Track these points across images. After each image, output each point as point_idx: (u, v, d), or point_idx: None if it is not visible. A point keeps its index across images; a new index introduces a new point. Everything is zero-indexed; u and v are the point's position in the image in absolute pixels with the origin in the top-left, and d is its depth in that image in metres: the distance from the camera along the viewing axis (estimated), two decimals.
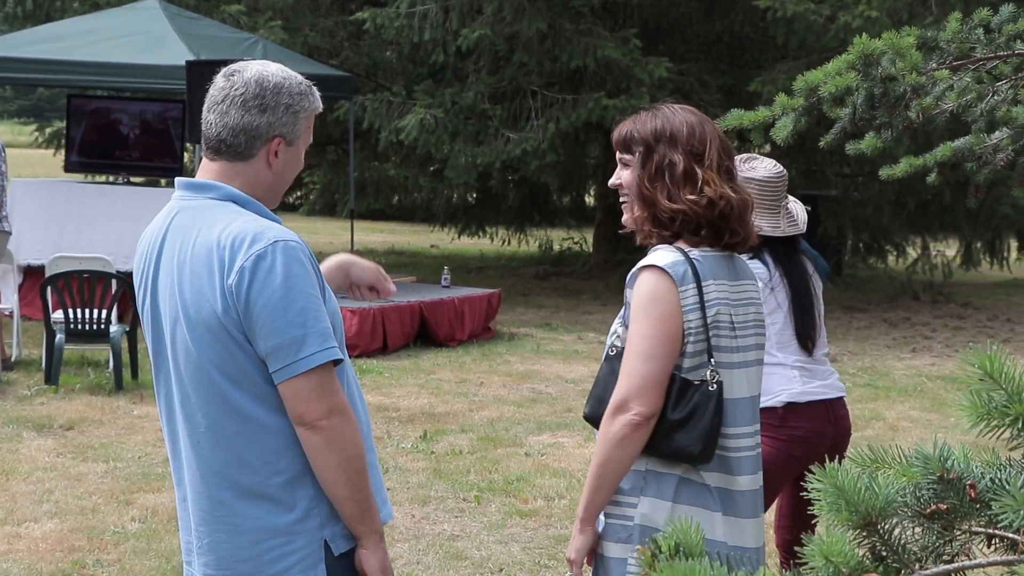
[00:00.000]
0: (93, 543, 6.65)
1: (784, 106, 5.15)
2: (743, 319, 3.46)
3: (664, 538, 1.58)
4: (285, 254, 2.98)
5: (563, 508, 7.48)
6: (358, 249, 19.99)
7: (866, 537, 1.58)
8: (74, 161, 15.71)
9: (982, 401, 1.69)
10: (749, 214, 3.48)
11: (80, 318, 10.12)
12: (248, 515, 3.09)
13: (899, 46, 5.09)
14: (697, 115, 3.52)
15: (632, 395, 3.30)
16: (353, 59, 18.08)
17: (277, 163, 3.14)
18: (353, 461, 3.02)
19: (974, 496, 1.63)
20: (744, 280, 3.51)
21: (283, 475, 3.06)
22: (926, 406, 10.91)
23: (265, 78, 3.11)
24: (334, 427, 2.99)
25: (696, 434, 3.31)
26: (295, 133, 3.15)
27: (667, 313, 3.31)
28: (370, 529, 3.09)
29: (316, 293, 3.01)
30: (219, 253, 3.00)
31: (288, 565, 3.07)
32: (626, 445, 3.31)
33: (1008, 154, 5.50)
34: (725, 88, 17.47)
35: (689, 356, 3.35)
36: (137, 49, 13.55)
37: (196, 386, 3.08)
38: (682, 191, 3.39)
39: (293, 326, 2.95)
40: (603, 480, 3.37)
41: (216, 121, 3.11)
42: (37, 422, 9.12)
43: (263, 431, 3.04)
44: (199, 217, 3.11)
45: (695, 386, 3.34)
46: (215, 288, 3.00)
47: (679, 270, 3.33)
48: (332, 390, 3.01)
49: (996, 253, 21.03)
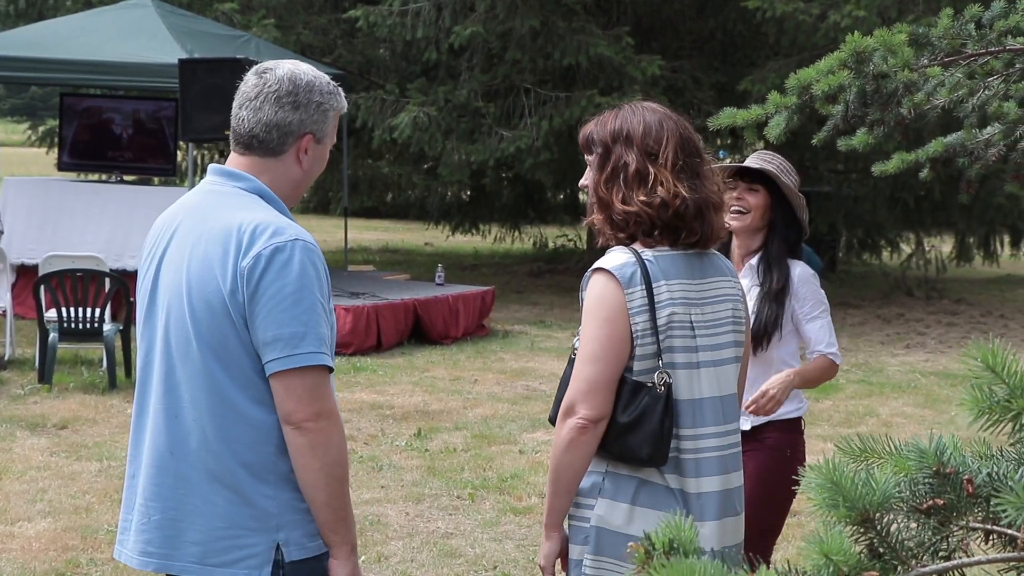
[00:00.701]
0: (87, 542, 6.64)
1: (777, 104, 5.14)
2: (709, 318, 3.40)
3: (657, 536, 1.57)
4: (304, 253, 3.01)
5: None
6: (352, 247, 20.00)
7: (863, 533, 1.57)
8: (67, 160, 15.68)
9: (984, 395, 1.68)
10: (712, 212, 3.40)
11: (73, 317, 10.11)
12: (209, 499, 3.08)
13: (891, 43, 5.09)
14: (659, 112, 3.46)
15: (578, 399, 3.28)
16: (346, 57, 18.06)
17: (306, 160, 3.19)
18: (334, 468, 3.02)
19: (971, 491, 1.62)
20: (713, 278, 3.44)
21: (250, 468, 3.05)
22: (920, 402, 10.92)
23: (298, 76, 3.17)
24: (320, 430, 2.99)
25: (644, 436, 3.27)
26: (324, 131, 3.20)
27: (612, 316, 3.29)
28: (342, 540, 3.09)
29: (323, 300, 3.04)
30: (237, 236, 3.02)
31: (235, 558, 3.07)
32: (574, 449, 3.29)
33: (1000, 149, 5.50)
34: (718, 86, 17.48)
35: (639, 359, 3.30)
36: (130, 47, 13.53)
37: (184, 361, 3.08)
38: (635, 193, 3.36)
39: (296, 322, 2.97)
40: (558, 485, 3.35)
41: (249, 117, 3.15)
42: (30, 421, 9.10)
43: (240, 419, 3.04)
44: (223, 202, 3.14)
45: (647, 388, 3.30)
46: (226, 268, 3.01)
47: (626, 272, 3.30)
48: (323, 394, 3.01)
49: (989, 248, 21.06)
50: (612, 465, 3.35)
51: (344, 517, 3.08)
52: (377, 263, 19.93)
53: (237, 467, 3.05)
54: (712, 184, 3.44)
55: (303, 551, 3.09)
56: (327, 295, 3.07)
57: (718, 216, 3.44)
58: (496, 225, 23.43)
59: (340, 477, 3.04)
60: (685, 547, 1.58)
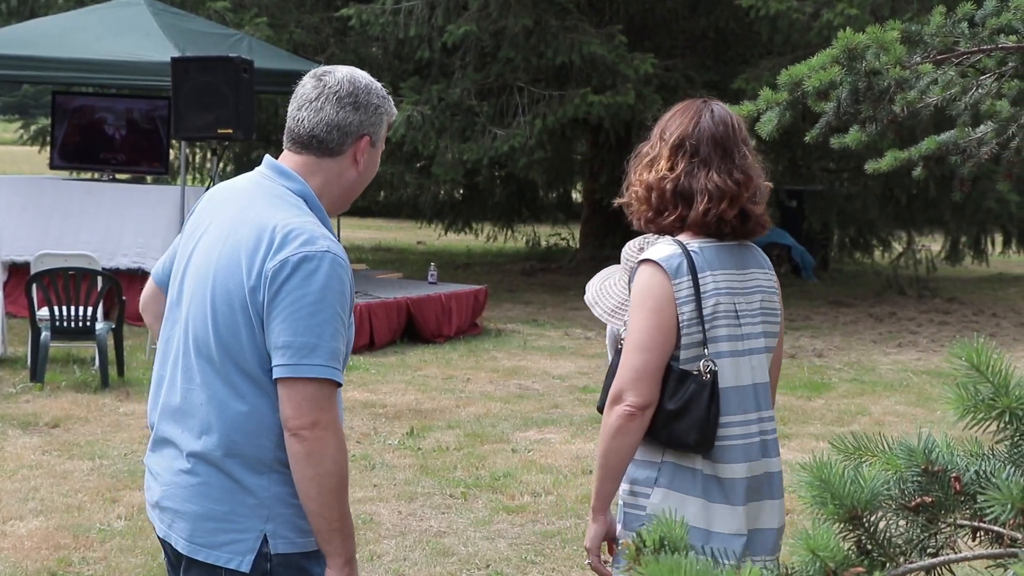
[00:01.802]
0: (79, 541, 6.64)
1: (769, 100, 5.15)
2: (749, 307, 3.51)
3: (648, 531, 1.57)
4: (332, 266, 3.02)
5: (550, 504, 7.47)
6: (345, 245, 19.98)
7: (851, 531, 1.58)
8: (59, 158, 15.67)
9: (968, 394, 1.69)
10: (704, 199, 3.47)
11: (65, 315, 10.09)
12: (205, 481, 3.11)
13: (883, 40, 5.11)
14: (700, 106, 3.62)
15: (626, 386, 3.36)
16: (339, 56, 18.03)
17: (362, 162, 3.23)
18: (327, 479, 3.01)
19: (959, 489, 1.63)
20: (752, 269, 3.56)
21: (245, 458, 3.07)
22: (912, 401, 10.93)
23: (357, 78, 3.22)
24: (317, 439, 2.99)
25: (691, 423, 3.36)
26: (379, 135, 3.25)
27: (660, 306, 3.38)
28: (336, 551, 3.09)
29: (343, 316, 3.05)
30: (270, 236, 3.03)
31: (221, 542, 3.09)
32: (621, 435, 3.37)
33: (992, 147, 5.51)
34: (711, 84, 17.47)
35: (685, 347, 3.40)
36: (122, 46, 13.51)
37: (199, 345, 3.11)
38: (643, 172, 3.58)
39: (311, 333, 2.98)
40: (607, 470, 3.43)
41: (310, 117, 3.18)
42: (22, 420, 9.09)
43: (242, 410, 3.06)
44: (267, 198, 3.16)
45: (692, 376, 3.40)
46: (253, 265, 3.03)
47: (673, 263, 3.40)
48: (325, 406, 3.01)
49: (980, 248, 21.09)
50: (668, 455, 3.45)
51: (339, 528, 3.07)
52: (370, 262, 19.92)
53: (234, 454, 3.07)
54: (727, 176, 3.50)
55: (291, 545, 3.10)
56: (348, 311, 3.08)
57: (722, 205, 3.48)
58: (489, 224, 23.43)
59: (334, 489, 3.03)
60: (675, 544, 1.58)
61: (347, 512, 3.09)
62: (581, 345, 13.30)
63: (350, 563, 3.12)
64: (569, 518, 7.21)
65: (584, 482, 7.92)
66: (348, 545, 3.11)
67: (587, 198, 21.09)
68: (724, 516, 3.42)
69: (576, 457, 8.62)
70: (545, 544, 6.75)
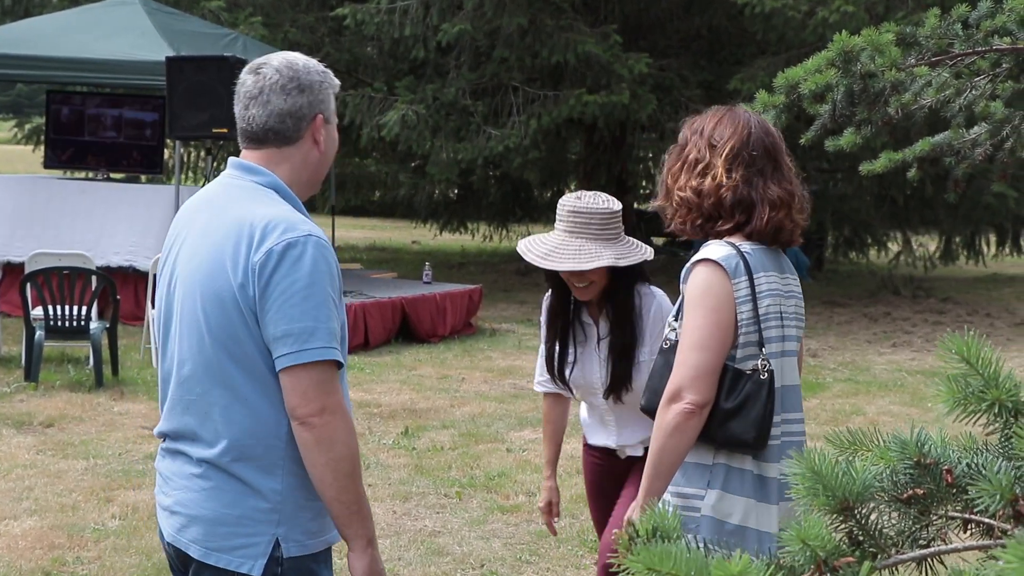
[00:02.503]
0: (73, 540, 6.63)
1: (765, 103, 5.17)
2: (787, 310, 3.56)
3: (641, 522, 1.59)
4: (316, 249, 3.02)
5: None
6: (339, 245, 19.97)
7: (843, 522, 1.59)
8: (53, 157, 15.67)
9: (959, 387, 1.70)
10: (767, 207, 3.53)
11: (60, 315, 10.09)
12: (218, 487, 3.11)
13: (878, 42, 5.12)
14: (742, 114, 3.65)
15: (685, 384, 3.38)
16: (334, 55, 18.05)
17: (323, 141, 3.22)
18: (341, 463, 3.02)
19: (951, 481, 1.64)
20: (787, 274, 3.63)
21: (257, 461, 3.07)
22: (906, 400, 10.95)
23: (293, 62, 3.21)
24: (326, 425, 2.99)
25: (749, 422, 3.41)
26: (329, 110, 3.24)
27: (719, 305, 3.41)
28: (356, 533, 3.09)
29: (334, 295, 3.05)
30: (250, 231, 3.03)
31: (233, 546, 3.09)
32: (680, 433, 3.39)
33: (986, 148, 5.53)
34: (705, 83, 17.52)
35: (741, 347, 3.44)
36: (117, 45, 13.52)
37: (195, 354, 3.10)
38: (691, 178, 3.56)
39: (307, 317, 2.97)
40: (660, 468, 3.44)
41: (260, 112, 3.17)
42: (17, 419, 9.09)
43: (250, 413, 3.06)
44: (239, 196, 3.16)
45: (746, 375, 3.43)
46: (238, 262, 3.02)
47: (732, 263, 3.44)
48: (330, 390, 3.01)
49: (975, 248, 21.13)
50: (720, 456, 3.48)
51: (357, 511, 3.07)
52: (364, 261, 19.92)
53: (243, 459, 3.07)
54: (778, 185, 3.58)
55: (301, 548, 3.11)
56: (338, 290, 3.09)
57: (780, 215, 3.55)
58: (483, 223, 23.45)
59: (348, 472, 3.04)
60: (667, 534, 1.59)
61: (363, 494, 3.09)
62: None
63: (372, 544, 3.11)
64: (564, 518, 7.21)
65: (578, 482, 7.93)
66: (368, 526, 3.11)
67: None
68: (769, 515, 3.46)
69: (570, 457, 8.63)
70: (540, 544, 6.75)
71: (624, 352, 4.45)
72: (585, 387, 4.60)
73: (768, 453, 3.47)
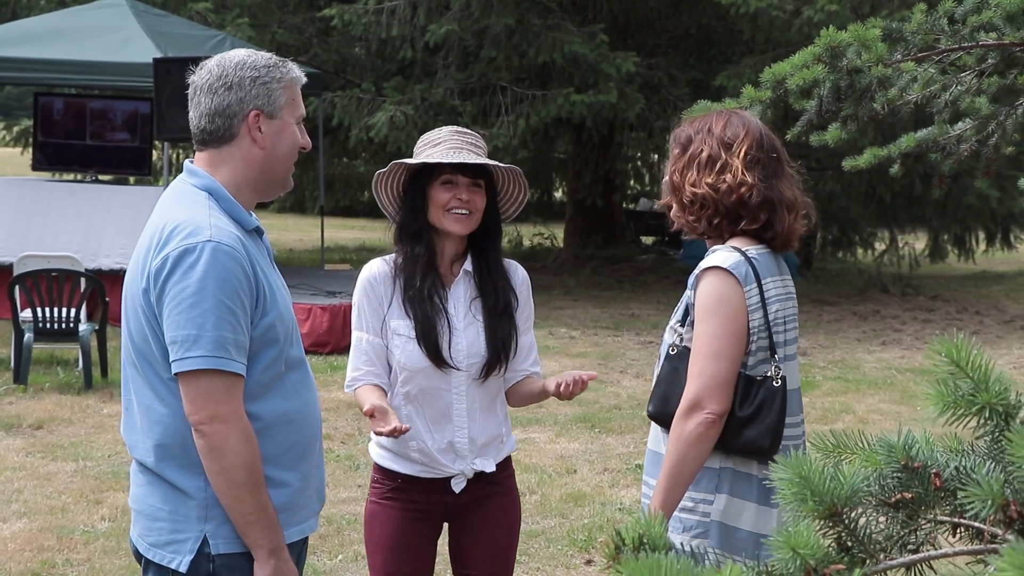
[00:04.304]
0: (63, 542, 6.62)
1: (751, 98, 5.16)
2: (787, 314, 3.56)
3: (626, 530, 1.57)
4: (213, 255, 2.97)
5: (534, 503, 7.47)
6: (328, 246, 19.96)
7: (831, 527, 1.58)
8: (41, 159, 15.63)
9: (949, 390, 1.69)
10: (785, 210, 3.53)
11: (49, 317, 10.07)
12: (150, 485, 3.16)
13: (865, 38, 5.12)
14: (746, 116, 3.64)
15: (705, 394, 3.37)
16: (322, 56, 18.04)
17: (263, 138, 3.15)
18: (233, 472, 2.99)
19: (939, 485, 1.63)
20: (786, 276, 3.63)
21: (178, 460, 3.09)
22: (896, 399, 10.96)
23: (225, 60, 3.17)
24: (216, 433, 2.97)
25: (764, 428, 3.40)
26: (273, 105, 3.15)
27: (734, 313, 3.40)
28: (256, 543, 3.07)
29: (230, 303, 2.98)
30: (158, 235, 3.03)
31: (163, 541, 3.13)
32: (702, 443, 3.37)
33: (972, 144, 5.53)
34: (693, 82, 17.51)
35: (753, 353, 3.44)
36: (104, 47, 13.49)
37: (127, 357, 3.15)
38: (705, 175, 3.52)
39: (191, 324, 2.95)
40: (680, 479, 3.40)
41: (194, 114, 3.17)
42: (6, 422, 9.06)
43: (167, 414, 3.07)
44: (172, 199, 3.16)
45: (758, 382, 3.42)
46: (145, 266, 3.04)
47: (742, 270, 3.42)
48: (219, 398, 2.98)
49: (965, 246, 21.15)
50: (727, 461, 3.46)
51: (255, 520, 3.04)
52: (354, 262, 19.88)
53: (168, 459, 3.09)
54: (789, 188, 3.59)
55: (233, 544, 3.10)
56: (240, 297, 3.00)
57: (792, 217, 3.57)
58: None
59: (241, 482, 3.00)
60: (655, 543, 1.58)
61: (264, 504, 3.05)
62: (565, 344, 13.30)
63: (275, 553, 3.08)
64: (554, 517, 7.21)
65: (568, 481, 7.93)
66: (270, 536, 3.07)
67: (571, 197, 21.10)
68: (772, 519, 3.46)
69: (560, 456, 8.62)
70: (530, 544, 6.74)
71: (506, 311, 3.97)
72: (455, 361, 3.89)
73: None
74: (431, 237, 3.93)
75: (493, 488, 4.02)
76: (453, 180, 3.87)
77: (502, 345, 3.94)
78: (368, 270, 4.02)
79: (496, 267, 3.99)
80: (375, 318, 3.94)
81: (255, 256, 3.10)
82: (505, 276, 4.01)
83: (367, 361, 3.91)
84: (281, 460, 3.15)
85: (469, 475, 3.96)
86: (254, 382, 3.08)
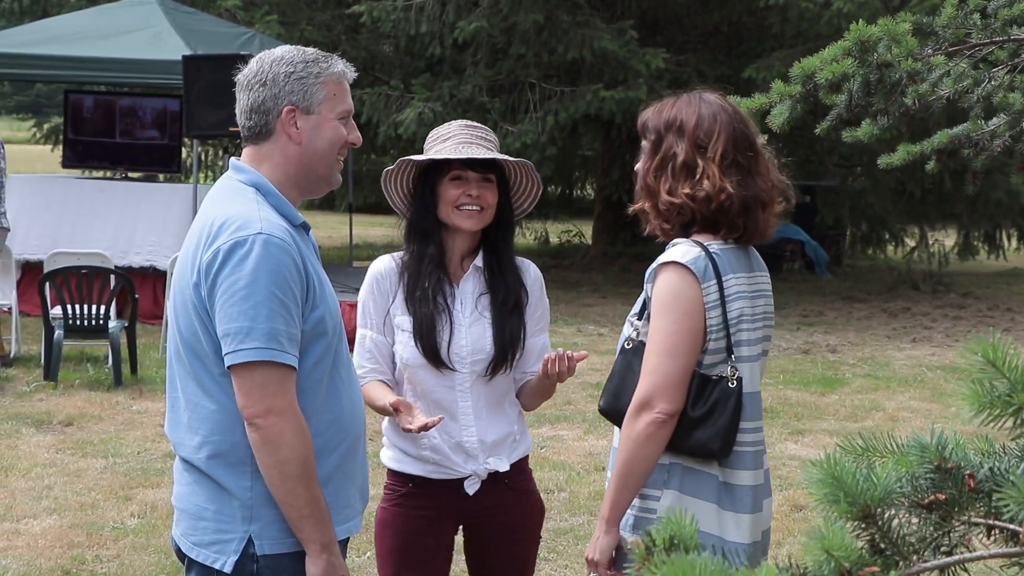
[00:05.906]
0: (92, 539, 6.64)
1: (781, 93, 5.12)
2: (754, 312, 3.42)
3: (657, 531, 1.56)
4: (264, 248, 2.97)
5: (562, 501, 7.45)
6: (357, 243, 19.98)
7: (864, 529, 1.56)
8: (72, 157, 15.69)
9: (984, 390, 1.66)
10: (760, 209, 3.39)
11: (79, 314, 10.10)
12: (196, 483, 3.15)
13: (895, 32, 5.07)
14: (715, 105, 3.44)
15: (656, 393, 3.26)
16: (350, 53, 18.02)
17: (299, 134, 3.15)
18: (287, 466, 2.98)
19: (973, 486, 1.61)
20: (756, 272, 3.47)
21: (226, 458, 3.08)
22: (926, 396, 10.89)
23: (263, 57, 3.20)
24: (271, 427, 2.96)
25: (716, 430, 3.29)
26: (310, 100, 3.15)
27: (690, 310, 3.28)
28: (309, 537, 3.05)
29: (281, 295, 2.98)
30: (207, 230, 3.03)
31: (208, 541, 3.12)
32: (651, 443, 3.27)
33: (1005, 140, 5.47)
34: (723, 78, 17.42)
35: (710, 353, 3.32)
36: (134, 44, 13.53)
37: (176, 353, 3.14)
38: (681, 184, 3.35)
39: (244, 316, 2.95)
40: (629, 479, 3.31)
41: (237, 110, 3.21)
42: (36, 418, 9.10)
43: (217, 411, 3.07)
44: (220, 196, 3.17)
45: (713, 382, 3.31)
46: (195, 262, 3.04)
47: (700, 265, 3.29)
48: (274, 391, 2.97)
49: (995, 242, 21.02)
50: (676, 457, 3.35)
51: (308, 515, 3.03)
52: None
53: (215, 455, 3.08)
54: (765, 181, 3.43)
55: (278, 546, 3.09)
56: (292, 290, 3.00)
57: (766, 213, 3.43)
58: None
59: (296, 476, 2.99)
60: (686, 543, 1.57)
61: (317, 498, 3.04)
62: (594, 341, 13.27)
63: (328, 548, 3.07)
64: (582, 515, 7.19)
65: (597, 479, 7.90)
66: (324, 531, 3.06)
67: (599, 194, 21.06)
68: (736, 524, 3.35)
69: (589, 454, 8.61)
70: (558, 541, 6.73)
71: (515, 307, 3.89)
72: (459, 361, 3.85)
73: (738, 460, 3.35)
74: (441, 234, 3.90)
75: (510, 492, 3.97)
76: (463, 176, 3.84)
77: (509, 342, 3.86)
78: (375, 267, 4.00)
79: (508, 263, 3.93)
80: (379, 315, 3.90)
81: (304, 250, 3.10)
82: (516, 273, 3.95)
83: (371, 359, 3.89)
84: None
85: (483, 476, 3.90)
86: (304, 376, 3.07)
